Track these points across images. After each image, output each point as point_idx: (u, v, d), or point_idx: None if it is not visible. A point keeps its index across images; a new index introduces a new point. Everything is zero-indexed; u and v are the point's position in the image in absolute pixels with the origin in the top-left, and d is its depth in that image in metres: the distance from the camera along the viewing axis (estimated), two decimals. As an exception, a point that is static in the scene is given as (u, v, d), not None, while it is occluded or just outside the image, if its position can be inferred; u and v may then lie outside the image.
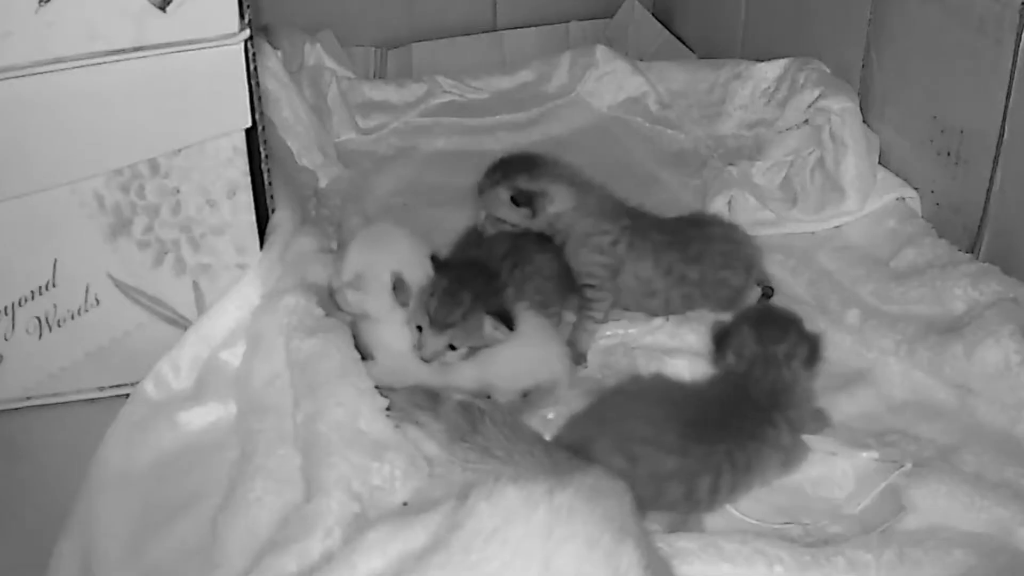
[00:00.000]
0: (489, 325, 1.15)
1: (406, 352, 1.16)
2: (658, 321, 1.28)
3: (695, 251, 1.30)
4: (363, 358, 1.14)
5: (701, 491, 0.99)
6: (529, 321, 1.19)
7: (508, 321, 1.15)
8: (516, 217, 1.28)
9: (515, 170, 1.28)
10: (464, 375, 1.18)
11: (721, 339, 1.11)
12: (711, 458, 1.00)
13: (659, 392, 1.08)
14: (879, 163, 1.51)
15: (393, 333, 1.17)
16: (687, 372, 1.19)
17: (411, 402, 1.11)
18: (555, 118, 1.93)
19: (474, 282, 1.16)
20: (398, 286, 1.15)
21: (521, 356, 1.18)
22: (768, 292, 1.34)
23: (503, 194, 1.27)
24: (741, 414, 1.04)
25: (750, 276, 1.33)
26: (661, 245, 1.29)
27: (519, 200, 1.26)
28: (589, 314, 1.28)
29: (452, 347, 1.15)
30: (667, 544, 0.93)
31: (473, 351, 1.16)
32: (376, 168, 1.77)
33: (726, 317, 1.20)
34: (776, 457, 1.05)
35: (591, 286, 1.28)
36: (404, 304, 1.16)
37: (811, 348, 1.09)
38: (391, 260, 1.16)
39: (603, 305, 1.28)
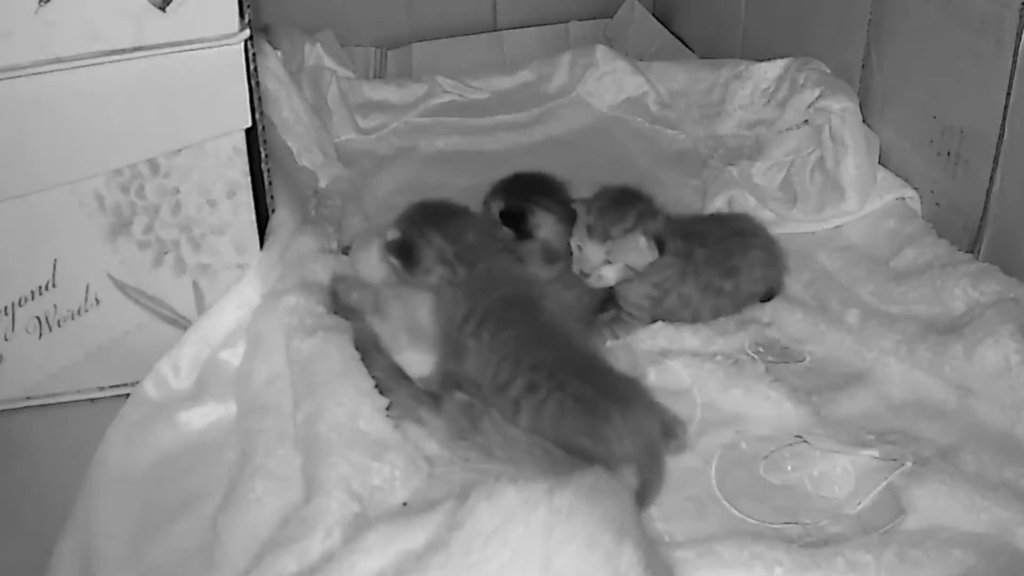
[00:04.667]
0: (643, 243, 1.19)
1: None
2: (658, 324, 1.28)
3: (734, 264, 1.28)
4: (363, 358, 1.14)
5: None
6: None
7: (661, 245, 1.19)
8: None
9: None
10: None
11: (406, 251, 1.17)
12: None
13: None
14: (879, 163, 1.51)
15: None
16: (684, 373, 1.20)
17: (413, 398, 1.12)
18: (555, 118, 1.93)
19: (638, 202, 1.21)
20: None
21: None
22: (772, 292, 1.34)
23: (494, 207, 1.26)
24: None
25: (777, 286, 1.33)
26: (702, 262, 1.27)
27: (506, 218, 1.25)
28: (614, 332, 1.27)
29: (608, 262, 1.20)
30: (664, 553, 0.92)
31: (627, 270, 1.21)
32: (376, 168, 1.77)
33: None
34: None
35: (630, 314, 1.27)
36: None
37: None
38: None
39: (631, 329, 1.27)
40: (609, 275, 1.21)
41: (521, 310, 1.13)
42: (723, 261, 1.28)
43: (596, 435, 1.01)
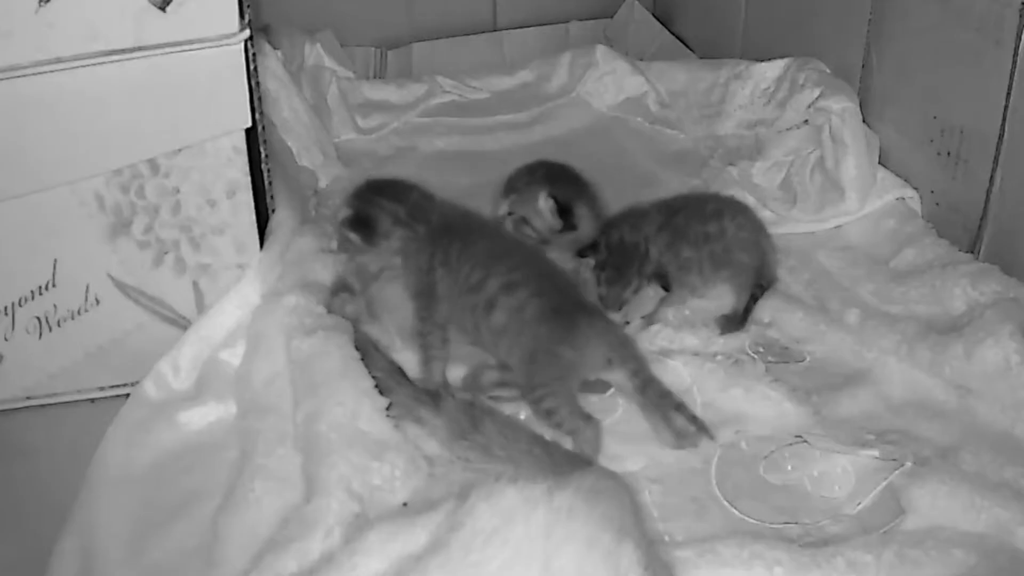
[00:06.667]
0: (651, 293, 1.28)
1: None
2: (656, 326, 1.28)
3: (712, 208, 1.33)
4: (363, 358, 1.14)
5: None
6: None
7: (666, 282, 1.28)
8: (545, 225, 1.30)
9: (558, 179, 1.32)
10: None
11: (363, 223, 1.22)
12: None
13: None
14: (879, 163, 1.51)
15: None
16: (685, 373, 1.20)
17: (413, 398, 1.12)
18: (555, 118, 1.93)
19: (633, 259, 1.27)
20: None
21: None
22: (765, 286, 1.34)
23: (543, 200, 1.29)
24: None
25: (763, 256, 1.34)
26: (684, 223, 1.31)
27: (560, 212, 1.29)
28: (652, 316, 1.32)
29: (627, 322, 1.28)
30: (664, 553, 0.93)
31: (646, 318, 1.30)
32: (376, 168, 1.77)
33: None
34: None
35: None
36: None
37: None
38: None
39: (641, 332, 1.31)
40: (632, 331, 1.27)
41: (485, 233, 1.22)
42: (700, 210, 1.32)
43: (570, 342, 1.08)
